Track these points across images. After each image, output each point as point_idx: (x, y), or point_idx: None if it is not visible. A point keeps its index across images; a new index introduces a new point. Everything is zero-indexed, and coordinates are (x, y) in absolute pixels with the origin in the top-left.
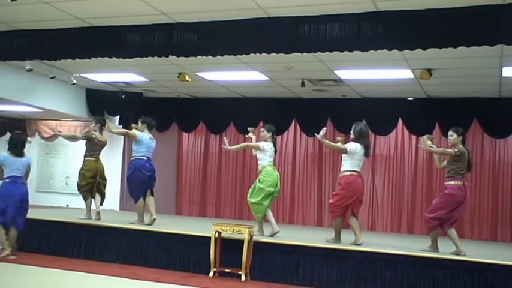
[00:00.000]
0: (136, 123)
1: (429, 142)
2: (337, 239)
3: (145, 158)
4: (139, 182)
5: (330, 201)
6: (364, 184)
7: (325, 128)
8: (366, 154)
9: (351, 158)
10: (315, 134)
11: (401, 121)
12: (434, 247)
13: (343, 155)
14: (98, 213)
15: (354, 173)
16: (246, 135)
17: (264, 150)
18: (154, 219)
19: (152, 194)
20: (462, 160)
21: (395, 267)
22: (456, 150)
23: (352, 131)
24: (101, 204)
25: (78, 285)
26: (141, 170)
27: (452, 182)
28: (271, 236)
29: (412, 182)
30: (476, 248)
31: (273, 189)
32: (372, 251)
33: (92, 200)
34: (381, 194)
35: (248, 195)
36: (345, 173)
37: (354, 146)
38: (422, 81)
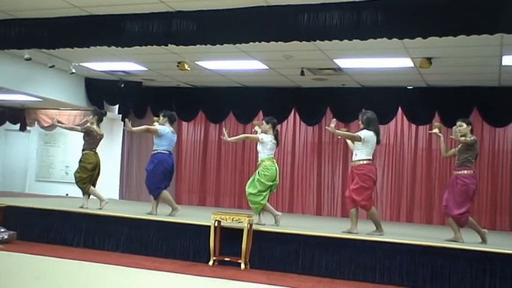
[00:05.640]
0: (135, 113)
1: (436, 130)
2: (381, 230)
3: (167, 152)
4: (161, 176)
5: (357, 198)
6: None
7: (334, 120)
8: (378, 141)
9: (366, 146)
10: (327, 127)
11: (400, 110)
12: (482, 236)
13: (357, 144)
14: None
15: (370, 161)
16: (253, 130)
17: (264, 142)
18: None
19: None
20: (475, 149)
21: (394, 255)
22: (472, 138)
23: (360, 121)
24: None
25: (78, 274)
26: (163, 165)
27: (465, 172)
28: (277, 224)
29: (411, 171)
30: (476, 237)
31: (271, 183)
32: (371, 240)
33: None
34: (380, 183)
35: (247, 186)
36: (361, 162)
37: (367, 134)
38: (422, 70)
